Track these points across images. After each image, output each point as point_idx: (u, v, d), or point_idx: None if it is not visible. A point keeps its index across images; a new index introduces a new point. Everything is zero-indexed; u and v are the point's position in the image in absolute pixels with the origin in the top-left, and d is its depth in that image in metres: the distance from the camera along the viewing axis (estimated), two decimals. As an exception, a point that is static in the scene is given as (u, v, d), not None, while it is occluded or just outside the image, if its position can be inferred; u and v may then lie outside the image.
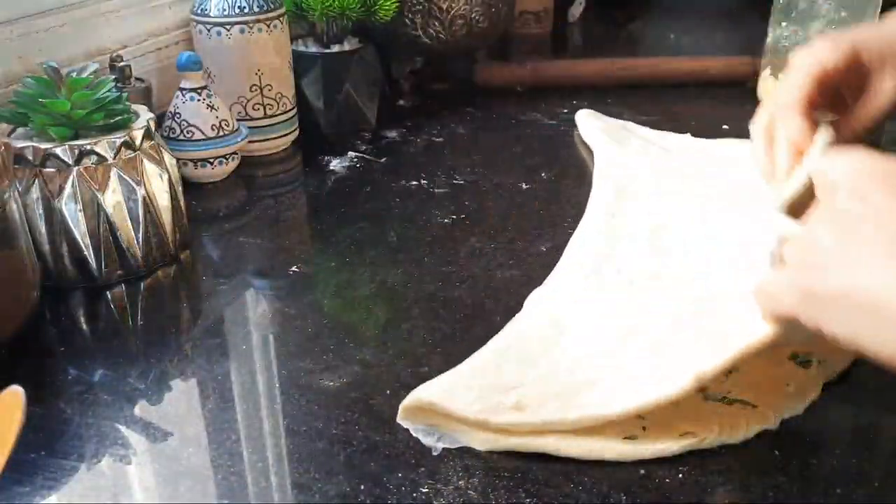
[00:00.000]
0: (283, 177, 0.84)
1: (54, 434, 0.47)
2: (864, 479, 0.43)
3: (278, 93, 0.85)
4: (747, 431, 0.46)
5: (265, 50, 0.82)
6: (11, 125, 0.61)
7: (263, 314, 0.59)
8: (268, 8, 0.82)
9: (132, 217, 0.61)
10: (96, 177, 0.59)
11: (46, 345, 0.56)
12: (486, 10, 1.03)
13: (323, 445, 0.45)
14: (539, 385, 0.47)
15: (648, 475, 0.43)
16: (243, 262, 0.66)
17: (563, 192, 0.77)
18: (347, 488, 0.42)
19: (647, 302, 0.56)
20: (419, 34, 1.01)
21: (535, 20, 1.34)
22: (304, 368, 0.52)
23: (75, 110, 0.59)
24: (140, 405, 0.49)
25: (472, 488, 0.42)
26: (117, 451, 0.45)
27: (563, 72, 1.07)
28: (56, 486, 0.43)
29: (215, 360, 0.54)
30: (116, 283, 0.62)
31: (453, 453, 0.45)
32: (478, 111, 0.99)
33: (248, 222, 0.74)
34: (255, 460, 0.45)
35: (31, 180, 0.58)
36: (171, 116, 0.77)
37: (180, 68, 0.76)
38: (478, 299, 0.59)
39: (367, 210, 0.75)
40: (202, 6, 0.81)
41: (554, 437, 0.45)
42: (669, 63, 1.07)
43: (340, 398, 0.49)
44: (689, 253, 0.62)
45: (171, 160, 0.65)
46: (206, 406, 0.49)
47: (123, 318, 0.59)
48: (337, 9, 0.86)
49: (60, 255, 0.60)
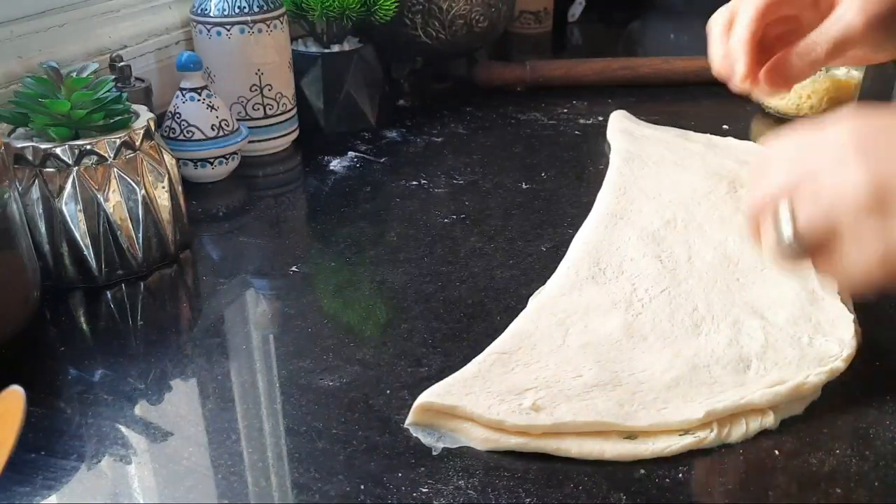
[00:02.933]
0: (283, 177, 0.84)
1: (54, 434, 0.47)
2: (863, 479, 0.43)
3: (278, 93, 0.85)
4: (747, 431, 0.46)
5: (265, 50, 0.82)
6: (11, 125, 0.61)
7: (263, 314, 0.59)
8: (268, 8, 0.82)
9: (132, 217, 0.61)
10: (96, 177, 0.59)
11: (46, 345, 0.56)
12: (486, 10, 1.03)
13: (323, 445, 0.45)
14: (551, 386, 0.47)
15: (648, 475, 0.43)
16: (243, 262, 0.66)
17: (563, 192, 0.77)
18: (347, 488, 0.42)
19: (652, 302, 0.56)
20: (419, 34, 1.01)
21: (535, 20, 1.34)
22: (304, 368, 0.52)
23: (75, 110, 0.59)
24: (140, 405, 0.49)
25: (472, 488, 0.42)
26: (117, 451, 0.45)
27: (563, 72, 1.07)
28: (56, 486, 0.43)
29: (215, 360, 0.54)
30: (116, 283, 0.62)
31: (453, 453, 0.45)
32: (478, 111, 0.99)
33: (248, 222, 0.74)
34: (255, 460, 0.45)
35: (31, 180, 0.58)
36: (171, 116, 0.77)
37: (180, 68, 0.76)
38: (478, 299, 0.59)
39: (367, 210, 0.75)
40: (202, 6, 0.81)
41: (554, 438, 0.45)
42: (669, 63, 1.07)
43: (340, 398, 0.49)
44: (694, 254, 0.62)
45: (171, 160, 0.65)
46: (206, 406, 0.49)
47: (123, 318, 0.59)
48: (337, 9, 0.86)
49: (60, 255, 0.60)
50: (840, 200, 0.37)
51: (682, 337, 0.52)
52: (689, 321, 0.54)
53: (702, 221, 0.66)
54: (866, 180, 0.36)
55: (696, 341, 0.52)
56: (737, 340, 0.52)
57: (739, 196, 0.70)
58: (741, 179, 0.73)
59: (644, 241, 0.63)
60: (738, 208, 0.68)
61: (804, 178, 0.38)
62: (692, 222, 0.66)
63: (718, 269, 0.59)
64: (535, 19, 1.34)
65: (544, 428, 0.45)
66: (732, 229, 0.64)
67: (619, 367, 0.49)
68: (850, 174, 0.36)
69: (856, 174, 0.36)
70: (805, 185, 0.38)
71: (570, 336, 0.52)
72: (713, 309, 0.55)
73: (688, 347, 0.51)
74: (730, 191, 0.71)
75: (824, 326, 0.53)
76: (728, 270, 0.59)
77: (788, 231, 0.38)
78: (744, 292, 0.57)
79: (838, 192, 0.37)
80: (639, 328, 0.53)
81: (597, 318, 0.54)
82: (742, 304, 0.55)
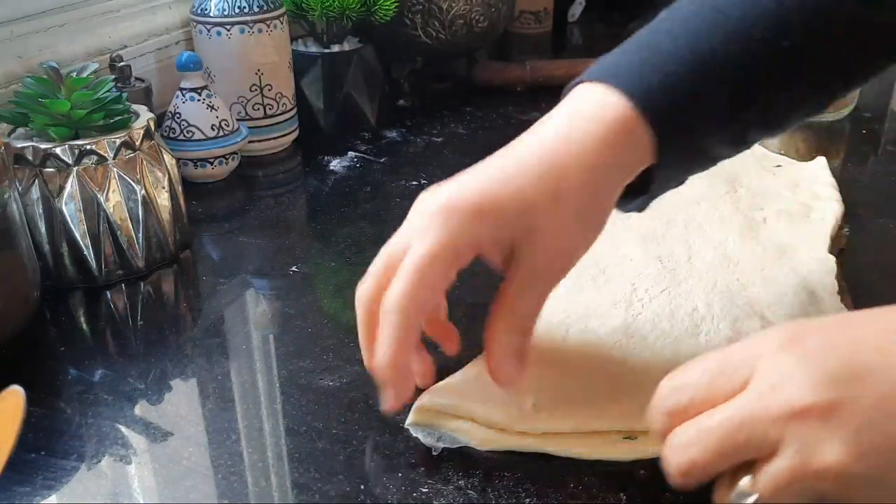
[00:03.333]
0: (283, 177, 0.84)
1: (54, 434, 0.47)
2: (863, 479, 0.43)
3: (278, 93, 0.85)
4: (747, 431, 0.46)
5: (265, 50, 0.82)
6: (11, 125, 0.61)
7: (263, 314, 0.59)
8: (268, 8, 0.82)
9: (132, 217, 0.61)
10: (96, 177, 0.59)
11: (46, 345, 0.56)
12: (486, 9, 1.03)
13: (323, 445, 0.45)
14: (552, 387, 0.47)
15: (648, 475, 0.43)
16: (243, 262, 0.66)
17: (563, 192, 0.77)
18: (347, 488, 0.42)
19: (652, 302, 0.56)
20: (419, 34, 1.01)
21: (534, 20, 1.34)
22: (304, 368, 0.52)
23: (75, 110, 0.59)
24: (140, 405, 0.49)
25: (472, 488, 0.42)
26: (117, 451, 0.45)
27: (563, 72, 1.07)
28: (56, 486, 0.43)
29: (215, 360, 0.54)
30: (116, 283, 0.62)
31: (453, 453, 0.45)
32: (478, 111, 0.99)
33: (248, 222, 0.74)
34: (255, 460, 0.45)
35: (31, 180, 0.58)
36: (171, 116, 0.77)
37: (180, 68, 0.76)
38: (477, 299, 0.59)
39: (367, 210, 0.74)
40: (202, 6, 0.81)
41: (554, 438, 0.45)
42: (669, 63, 1.07)
43: (340, 398, 0.49)
44: (694, 254, 0.62)
45: (171, 160, 0.65)
46: (206, 406, 0.49)
47: (123, 318, 0.59)
48: (337, 9, 0.86)
49: (60, 255, 0.60)
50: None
51: (682, 337, 0.52)
52: (688, 321, 0.54)
53: (701, 221, 0.66)
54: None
55: (696, 341, 0.52)
56: (737, 340, 0.52)
57: (739, 196, 0.70)
58: (741, 179, 0.73)
59: (644, 241, 0.63)
60: (737, 208, 0.68)
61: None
62: (692, 222, 0.66)
63: (718, 269, 0.59)
64: (535, 19, 1.34)
65: (545, 428, 0.45)
66: (732, 229, 0.65)
67: (620, 367, 0.49)
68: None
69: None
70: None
71: (571, 336, 0.52)
72: (713, 309, 0.55)
73: (688, 347, 0.51)
74: (729, 191, 0.71)
75: (824, 326, 0.53)
76: (728, 270, 0.59)
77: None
78: (744, 292, 0.57)
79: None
80: (639, 328, 0.53)
81: (597, 318, 0.54)
82: (742, 304, 0.55)
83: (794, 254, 0.61)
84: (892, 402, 0.30)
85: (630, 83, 0.43)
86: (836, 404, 0.30)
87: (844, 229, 0.66)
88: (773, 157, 0.80)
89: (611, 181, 0.43)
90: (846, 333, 0.32)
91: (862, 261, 0.63)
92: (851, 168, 0.82)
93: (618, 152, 0.42)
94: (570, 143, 0.42)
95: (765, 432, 0.31)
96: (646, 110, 0.42)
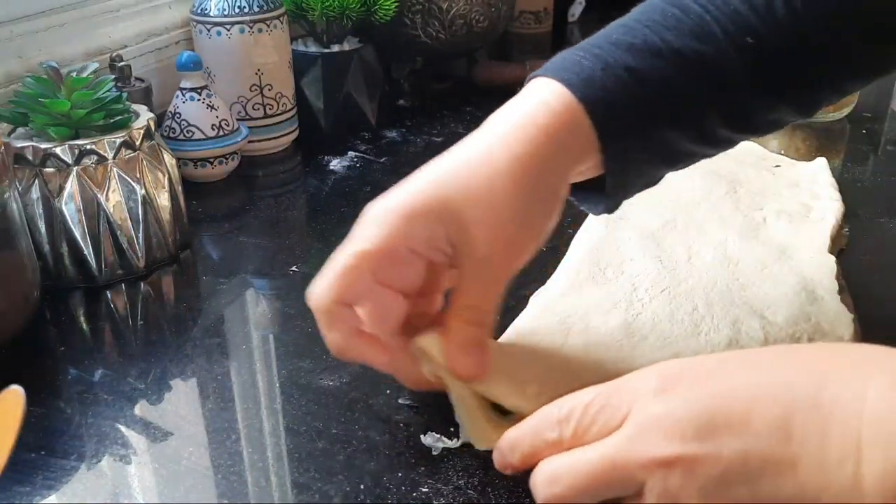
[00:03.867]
0: (283, 177, 0.84)
1: (54, 434, 0.47)
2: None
3: (278, 93, 0.85)
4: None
5: (265, 50, 0.82)
6: (11, 125, 0.61)
7: (263, 314, 0.59)
8: (268, 8, 0.82)
9: (132, 217, 0.61)
10: (96, 177, 0.59)
11: (46, 345, 0.56)
12: (486, 9, 1.03)
13: (323, 445, 0.45)
14: (553, 389, 0.47)
15: (648, 475, 0.43)
16: (243, 262, 0.66)
17: (563, 192, 0.77)
18: (347, 488, 0.42)
19: (652, 302, 0.56)
20: (419, 34, 1.01)
21: (534, 20, 1.34)
22: (304, 368, 0.52)
23: (75, 110, 0.59)
24: (140, 405, 0.49)
25: (472, 488, 0.42)
26: (117, 451, 0.45)
27: (563, 72, 1.07)
28: (56, 485, 0.43)
29: (215, 360, 0.54)
30: (116, 283, 0.62)
31: (453, 453, 0.45)
32: (478, 111, 0.99)
33: (248, 222, 0.74)
34: (255, 460, 0.45)
35: (31, 180, 0.58)
36: (171, 116, 0.77)
37: (180, 68, 0.76)
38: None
39: (367, 210, 0.74)
40: (202, 6, 0.81)
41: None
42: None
43: (340, 398, 0.49)
44: (694, 254, 0.62)
45: (171, 160, 0.65)
46: (206, 406, 0.49)
47: (123, 318, 0.59)
48: (337, 9, 0.86)
49: (60, 255, 0.60)
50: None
51: (683, 337, 0.52)
52: (688, 321, 0.54)
53: (701, 222, 0.66)
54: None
55: (696, 341, 0.52)
56: (737, 340, 0.52)
57: (739, 196, 0.70)
58: (741, 179, 0.73)
59: (644, 241, 0.63)
60: (737, 208, 0.68)
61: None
62: (692, 222, 0.66)
63: (718, 269, 0.59)
64: (535, 19, 1.34)
65: None
66: (732, 229, 0.65)
67: (620, 368, 0.49)
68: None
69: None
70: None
71: (571, 336, 0.52)
72: (713, 309, 0.55)
73: (688, 347, 0.51)
74: (729, 191, 0.71)
75: (824, 326, 0.53)
76: (728, 270, 0.59)
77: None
78: (744, 292, 0.57)
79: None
80: (639, 328, 0.53)
81: (597, 318, 0.54)
82: (742, 303, 0.55)
83: (794, 254, 0.61)
84: (742, 463, 0.32)
85: (569, 75, 0.44)
86: (696, 458, 0.32)
87: (844, 229, 0.67)
88: (773, 157, 0.80)
89: (552, 171, 0.44)
90: (718, 384, 0.34)
91: (862, 261, 0.63)
92: (851, 168, 0.82)
93: (559, 141, 0.43)
94: (507, 137, 0.43)
95: (632, 474, 0.34)
96: (584, 99, 0.43)
